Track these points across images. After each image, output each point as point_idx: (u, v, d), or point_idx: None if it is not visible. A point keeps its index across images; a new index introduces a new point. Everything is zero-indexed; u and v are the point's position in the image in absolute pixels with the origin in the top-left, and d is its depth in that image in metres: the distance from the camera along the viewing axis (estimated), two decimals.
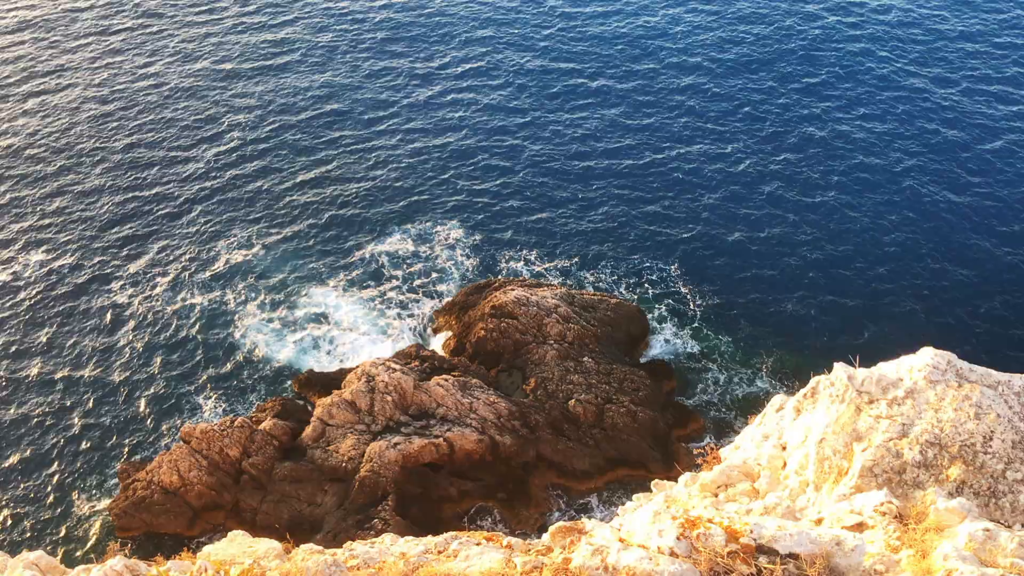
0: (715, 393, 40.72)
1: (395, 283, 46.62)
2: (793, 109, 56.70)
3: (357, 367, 39.46)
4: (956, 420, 11.02)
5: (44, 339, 43.74)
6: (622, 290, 45.58)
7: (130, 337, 43.84)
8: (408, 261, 47.75)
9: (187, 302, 45.63)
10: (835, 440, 11.59)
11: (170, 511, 35.26)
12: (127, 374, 42.02)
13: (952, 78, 58.94)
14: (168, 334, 43.98)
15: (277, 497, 35.45)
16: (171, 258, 48.12)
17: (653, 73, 60.62)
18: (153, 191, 52.39)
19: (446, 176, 52.89)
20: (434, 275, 47.03)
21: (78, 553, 34.67)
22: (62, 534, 35.62)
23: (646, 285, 45.79)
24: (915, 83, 58.71)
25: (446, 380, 38.16)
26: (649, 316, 43.72)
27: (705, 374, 41.63)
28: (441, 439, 36.00)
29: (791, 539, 8.81)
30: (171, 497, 35.45)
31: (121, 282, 46.71)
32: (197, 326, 44.34)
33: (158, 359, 42.76)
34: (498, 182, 52.25)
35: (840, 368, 12.37)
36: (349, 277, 46.94)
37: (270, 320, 44.72)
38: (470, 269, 47.28)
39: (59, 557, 33.30)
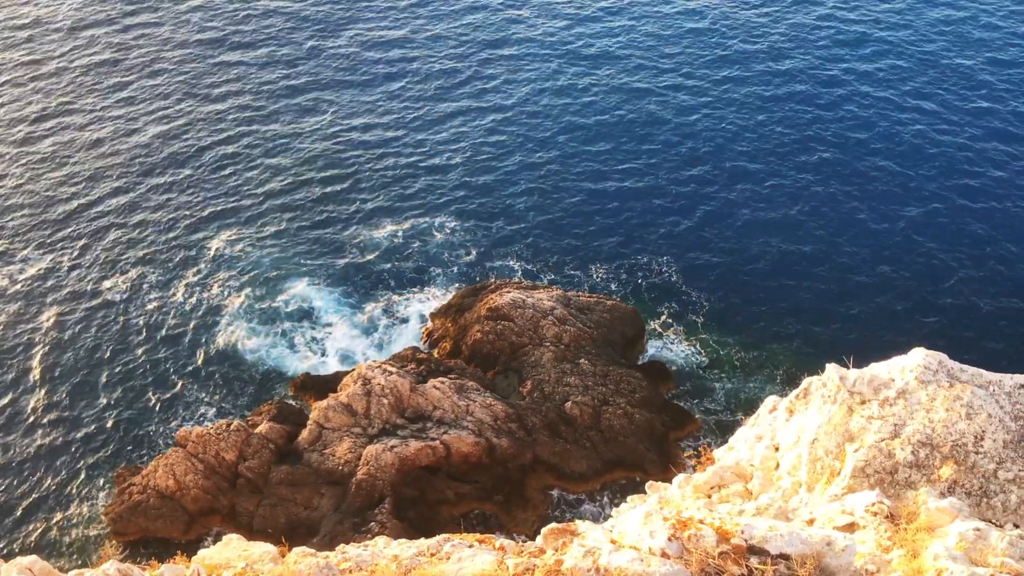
0: (711, 394, 40.75)
1: (389, 285, 46.63)
2: (798, 111, 56.78)
3: (353, 370, 39.47)
4: (948, 420, 11.06)
5: (34, 342, 43.65)
6: (619, 291, 45.60)
7: (122, 341, 43.77)
8: (402, 263, 47.75)
9: (177, 305, 45.56)
10: (827, 441, 11.63)
11: (166, 515, 35.23)
12: (120, 377, 41.96)
13: (964, 85, 59.12)
14: (160, 337, 43.91)
15: (273, 501, 35.43)
16: (160, 260, 48.04)
17: (655, 72, 60.69)
18: (139, 191, 52.33)
19: (441, 175, 52.91)
20: (428, 276, 47.05)
21: (73, 558, 34.62)
22: (56, 539, 35.56)
23: (643, 286, 45.83)
24: (922, 88, 58.86)
25: (442, 383, 38.18)
26: (645, 317, 43.75)
27: (702, 376, 41.66)
28: (438, 442, 36.01)
29: (782, 539, 8.84)
30: (167, 501, 35.42)
31: (110, 285, 46.62)
32: (189, 329, 44.28)
33: (151, 362, 42.69)
34: (494, 181, 52.27)
35: (832, 369, 12.43)
36: (343, 279, 46.93)
37: (262, 323, 44.68)
38: (465, 270, 47.30)
39: (53, 562, 33.24)
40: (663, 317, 44.30)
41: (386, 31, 66.63)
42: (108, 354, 43.14)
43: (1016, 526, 10.33)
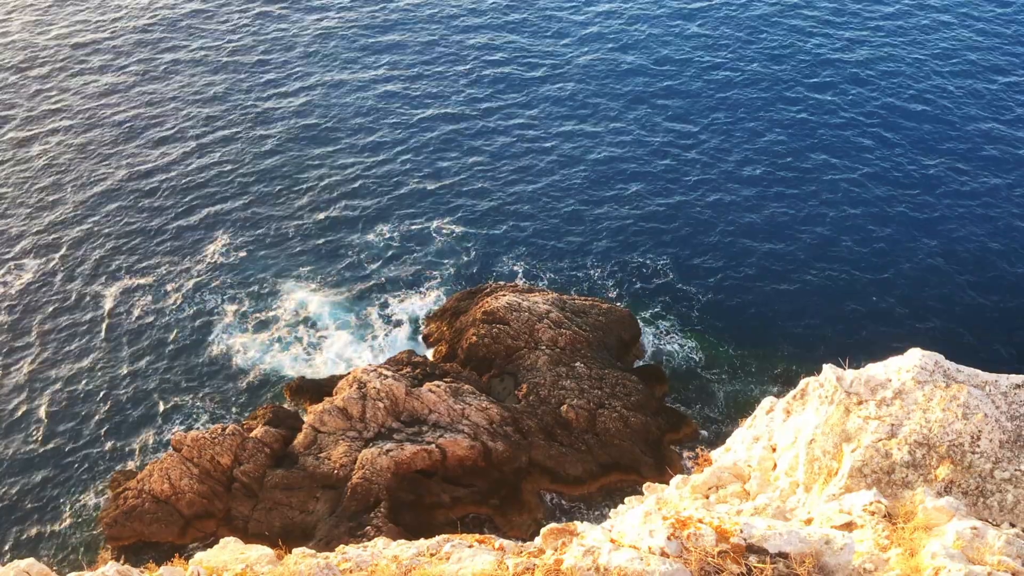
0: (708, 396, 40.80)
1: (384, 288, 46.61)
2: (797, 114, 56.93)
3: (348, 374, 39.43)
4: (944, 420, 11.12)
5: (29, 347, 43.52)
6: (614, 294, 45.65)
7: (117, 345, 43.67)
8: (397, 266, 47.74)
9: (172, 310, 45.48)
10: (824, 441, 11.68)
11: (161, 519, 35.13)
12: (115, 382, 41.85)
13: (957, 79, 59.38)
14: (155, 342, 43.83)
15: (269, 505, 35.36)
16: (155, 265, 47.95)
17: (648, 75, 60.82)
18: (135, 196, 52.24)
19: (438, 179, 52.91)
20: (424, 280, 47.04)
21: (69, 561, 34.50)
22: (53, 542, 35.45)
23: (638, 288, 45.90)
24: (922, 92, 59.09)
25: (438, 386, 38.17)
26: (641, 319, 43.81)
27: (697, 378, 41.72)
28: (433, 445, 35.98)
29: (781, 538, 8.87)
30: (162, 505, 35.33)
31: (106, 291, 46.50)
32: (184, 334, 44.22)
33: (146, 367, 42.60)
34: (490, 185, 52.31)
35: (829, 369, 12.48)
36: (338, 282, 46.90)
37: (258, 327, 44.63)
38: (461, 274, 47.31)
39: (50, 565, 33.08)
40: (659, 318, 44.37)
41: (385, 32, 66.67)
42: (103, 359, 43.03)
43: (1013, 525, 10.39)
